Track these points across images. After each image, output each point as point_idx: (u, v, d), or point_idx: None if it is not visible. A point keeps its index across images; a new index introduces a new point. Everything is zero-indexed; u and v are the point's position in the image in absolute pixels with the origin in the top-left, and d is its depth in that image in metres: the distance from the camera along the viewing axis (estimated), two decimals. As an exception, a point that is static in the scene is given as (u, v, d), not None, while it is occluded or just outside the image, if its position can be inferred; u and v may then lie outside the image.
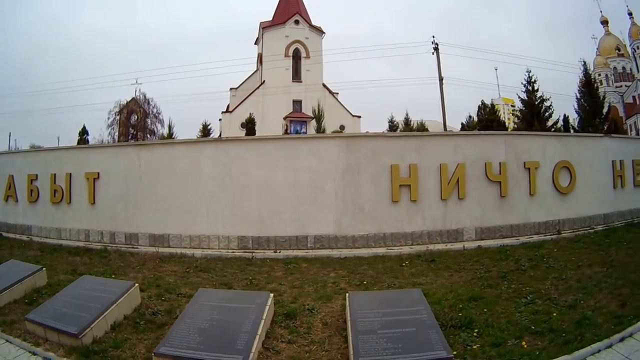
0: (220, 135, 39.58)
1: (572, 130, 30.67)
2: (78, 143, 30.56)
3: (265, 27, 46.13)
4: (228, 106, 45.40)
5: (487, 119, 37.84)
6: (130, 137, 38.34)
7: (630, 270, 6.47)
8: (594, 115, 31.15)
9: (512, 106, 35.28)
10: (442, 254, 8.54)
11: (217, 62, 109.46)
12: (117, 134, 37.88)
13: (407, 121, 43.50)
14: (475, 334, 4.62)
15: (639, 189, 11.89)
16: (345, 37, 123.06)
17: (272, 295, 5.09)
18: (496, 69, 59.32)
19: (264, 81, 43.63)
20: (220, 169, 9.55)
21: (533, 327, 4.70)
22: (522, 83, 32.87)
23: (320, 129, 26.07)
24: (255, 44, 51.60)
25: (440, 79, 31.19)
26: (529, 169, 9.96)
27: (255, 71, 48.59)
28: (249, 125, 25.40)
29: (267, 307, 4.71)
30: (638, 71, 63.20)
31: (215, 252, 8.99)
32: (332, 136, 11.00)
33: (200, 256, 8.77)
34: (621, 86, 65.06)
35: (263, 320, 4.47)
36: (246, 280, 6.99)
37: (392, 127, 42.90)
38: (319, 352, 4.39)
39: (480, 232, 9.58)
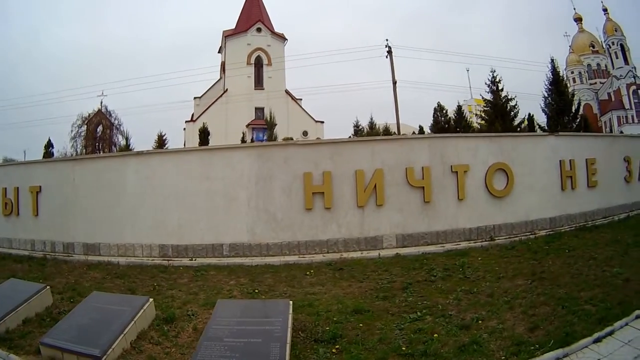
0: (184, 144, 40.10)
1: (538, 129, 30.84)
2: (44, 156, 31.07)
3: (227, 35, 46.78)
4: (192, 115, 45.84)
5: (443, 121, 39.05)
6: (97, 149, 38.52)
7: (560, 284, 5.73)
8: (563, 113, 30.45)
9: (485, 107, 35.65)
10: (354, 263, 8.47)
11: (182, 72, 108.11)
12: (79, 146, 37.93)
13: (371, 125, 44.56)
14: (334, 350, 4.48)
15: (593, 189, 11.30)
16: (317, 39, 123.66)
17: (151, 299, 5.71)
18: (468, 70, 60.12)
19: (226, 89, 44.31)
20: (143, 181, 10.09)
21: (405, 349, 4.34)
22: (486, 83, 32.38)
23: (272, 137, 26.95)
24: (219, 52, 52.17)
25: (394, 82, 31.60)
26: (456, 172, 9.80)
27: (219, 80, 49.06)
28: (202, 135, 26.12)
29: (141, 310, 5.40)
30: (613, 67, 61.89)
31: (138, 260, 9.59)
32: (243, 146, 11.79)
33: (125, 264, 9.35)
34: (596, 83, 64.25)
35: (134, 322, 5.17)
36: (151, 286, 7.54)
37: (357, 131, 43.74)
38: (177, 354, 4.83)
39: (402, 239, 9.52)
